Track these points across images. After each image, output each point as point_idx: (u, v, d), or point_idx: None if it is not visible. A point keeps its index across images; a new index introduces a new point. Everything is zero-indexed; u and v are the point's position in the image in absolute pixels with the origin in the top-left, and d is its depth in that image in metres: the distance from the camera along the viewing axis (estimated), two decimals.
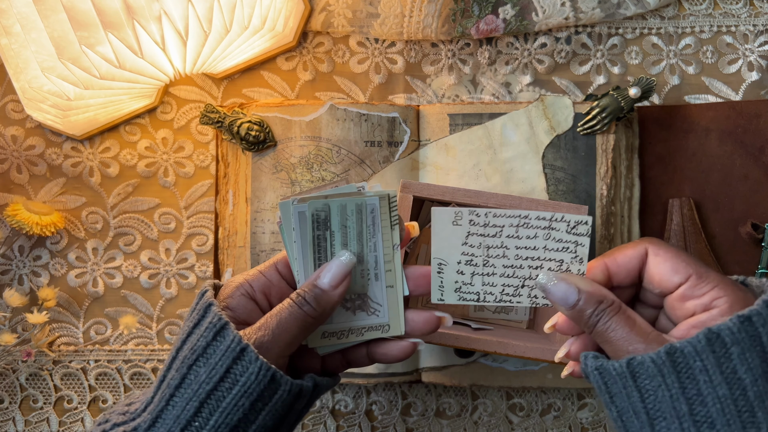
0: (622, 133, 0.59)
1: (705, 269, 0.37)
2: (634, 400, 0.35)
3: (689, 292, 0.37)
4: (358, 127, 0.58)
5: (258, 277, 0.42)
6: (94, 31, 0.50)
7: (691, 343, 0.33)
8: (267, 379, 0.37)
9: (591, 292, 0.38)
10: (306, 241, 0.42)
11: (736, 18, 0.63)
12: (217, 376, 0.37)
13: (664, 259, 0.38)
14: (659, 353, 0.34)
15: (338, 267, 0.41)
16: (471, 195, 0.51)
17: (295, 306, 0.40)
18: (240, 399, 0.37)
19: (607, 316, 0.37)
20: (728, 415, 0.33)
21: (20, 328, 0.63)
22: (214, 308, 0.38)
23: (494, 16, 0.61)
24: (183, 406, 0.37)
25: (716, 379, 0.33)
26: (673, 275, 0.37)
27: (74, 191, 0.63)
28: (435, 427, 0.63)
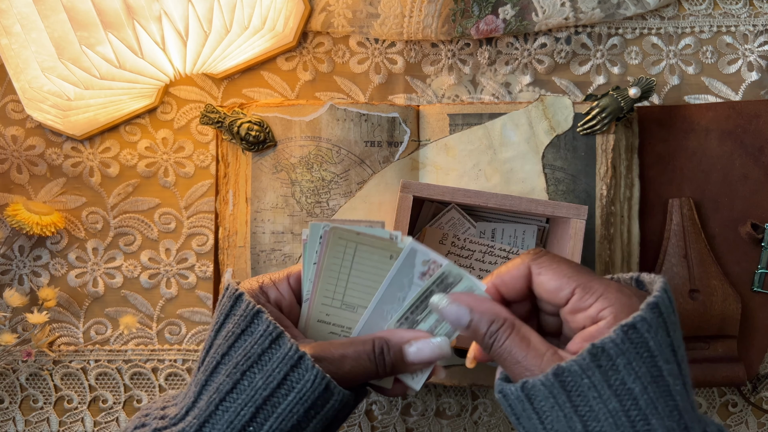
0: (621, 133, 0.59)
1: (589, 279, 0.36)
2: (534, 422, 0.35)
3: (576, 306, 0.36)
4: (358, 127, 0.58)
5: (271, 287, 0.42)
6: (94, 31, 0.50)
7: (577, 362, 0.33)
8: (322, 388, 0.37)
9: (482, 311, 0.38)
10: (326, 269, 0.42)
11: (736, 18, 0.63)
12: (274, 382, 0.37)
13: (548, 278, 0.37)
14: (547, 375, 0.34)
15: (431, 350, 0.40)
16: (471, 195, 0.51)
17: (373, 363, 0.39)
18: (295, 406, 0.37)
19: (502, 337, 0.37)
20: (621, 427, 0.33)
21: (20, 328, 0.63)
22: (265, 316, 0.38)
23: (494, 16, 0.61)
24: (237, 411, 0.37)
25: (605, 393, 0.33)
26: (559, 292, 0.37)
27: (74, 191, 0.63)
28: (435, 427, 0.63)
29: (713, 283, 0.59)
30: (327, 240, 0.41)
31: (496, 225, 0.57)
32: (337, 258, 0.42)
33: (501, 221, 0.57)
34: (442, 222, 0.57)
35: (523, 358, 0.36)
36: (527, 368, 0.36)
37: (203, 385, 0.39)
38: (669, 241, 0.60)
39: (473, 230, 0.57)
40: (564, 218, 0.52)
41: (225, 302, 0.40)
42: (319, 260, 0.42)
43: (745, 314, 0.60)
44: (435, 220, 0.57)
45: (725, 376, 0.59)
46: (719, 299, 0.59)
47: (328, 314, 0.43)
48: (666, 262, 0.60)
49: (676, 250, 0.60)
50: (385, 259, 0.41)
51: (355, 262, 0.42)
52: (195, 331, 0.63)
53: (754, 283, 0.61)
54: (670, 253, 0.60)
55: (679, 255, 0.60)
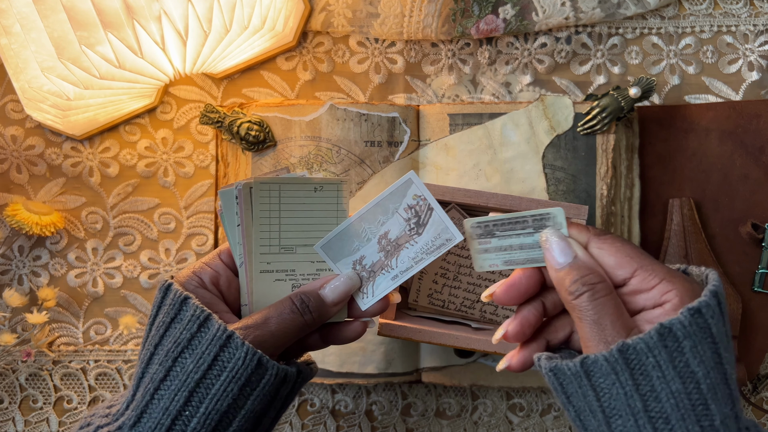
0: (622, 133, 0.59)
1: (651, 262, 0.37)
2: (590, 399, 0.35)
3: (638, 287, 0.36)
4: (358, 127, 0.58)
5: (204, 269, 0.43)
6: (94, 31, 0.50)
7: (644, 340, 0.33)
8: (254, 364, 0.38)
9: (585, 261, 0.37)
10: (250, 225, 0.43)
11: (737, 18, 0.63)
12: (205, 364, 0.37)
13: (609, 253, 0.37)
14: (612, 352, 0.34)
15: (344, 285, 0.43)
16: (471, 195, 0.51)
17: (297, 313, 0.41)
18: (229, 385, 0.37)
19: (600, 292, 0.36)
20: (682, 409, 0.33)
21: (20, 328, 0.63)
22: (192, 301, 0.39)
23: (494, 16, 0.61)
24: (171, 397, 0.37)
25: (669, 374, 0.33)
26: (618, 270, 0.37)
27: (74, 191, 0.63)
28: (435, 427, 0.63)
29: None
30: (246, 196, 0.43)
31: None
32: (265, 205, 0.43)
33: None
34: None
35: (612, 324, 0.35)
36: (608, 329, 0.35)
37: (140, 378, 0.39)
38: (669, 241, 0.60)
39: None
40: None
41: (157, 295, 0.41)
42: (243, 217, 0.43)
43: (745, 314, 0.60)
44: None
45: None
46: None
47: (269, 263, 0.44)
48: (666, 262, 0.60)
49: (676, 250, 0.60)
50: (311, 192, 0.43)
51: (283, 203, 0.43)
52: None
53: (755, 283, 0.61)
54: (670, 253, 0.60)
55: (680, 255, 0.60)
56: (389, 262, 0.43)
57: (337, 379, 0.59)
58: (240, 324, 0.40)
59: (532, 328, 0.40)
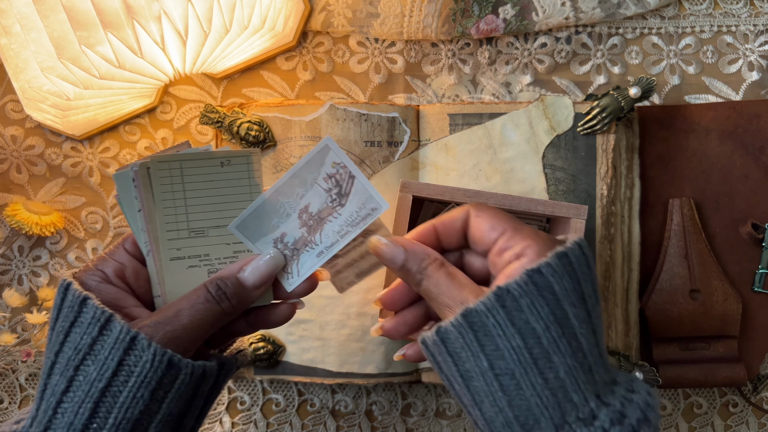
0: (622, 133, 0.59)
1: (520, 224, 0.39)
2: (450, 366, 0.36)
3: (504, 245, 0.38)
4: (358, 127, 0.58)
5: (108, 261, 0.40)
6: (93, 31, 0.50)
7: (483, 302, 0.35)
8: (164, 365, 0.35)
9: (414, 250, 0.40)
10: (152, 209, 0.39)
11: (737, 18, 0.63)
12: (109, 371, 0.35)
13: (484, 219, 0.40)
14: (457, 318, 0.35)
15: (267, 266, 0.40)
16: (471, 195, 0.51)
17: (213, 302, 0.38)
18: (138, 390, 0.35)
19: (431, 271, 0.39)
20: (524, 364, 0.34)
21: (20, 328, 0.63)
22: (91, 302, 0.36)
23: (494, 16, 0.61)
24: (75, 411, 0.34)
25: (509, 331, 0.34)
26: (491, 231, 0.39)
27: (74, 191, 0.63)
28: (435, 428, 0.63)
29: (714, 283, 0.59)
30: (144, 177, 0.39)
31: None
32: (167, 186, 0.39)
33: None
34: None
35: (448, 289, 0.38)
36: (451, 297, 0.37)
37: (42, 391, 0.36)
38: (669, 241, 0.60)
39: None
40: (564, 218, 0.52)
41: (56, 297, 0.38)
42: (143, 201, 0.39)
43: (745, 314, 0.60)
44: None
45: (726, 376, 0.59)
46: (720, 299, 0.59)
47: (179, 248, 0.40)
48: (666, 262, 0.60)
49: (676, 250, 0.60)
50: (217, 167, 0.40)
51: (187, 183, 0.39)
52: None
53: (755, 283, 0.61)
54: (670, 253, 0.60)
55: (680, 255, 0.60)
56: (313, 237, 0.40)
57: (337, 379, 0.59)
58: (148, 321, 0.37)
59: (409, 327, 0.43)
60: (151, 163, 0.38)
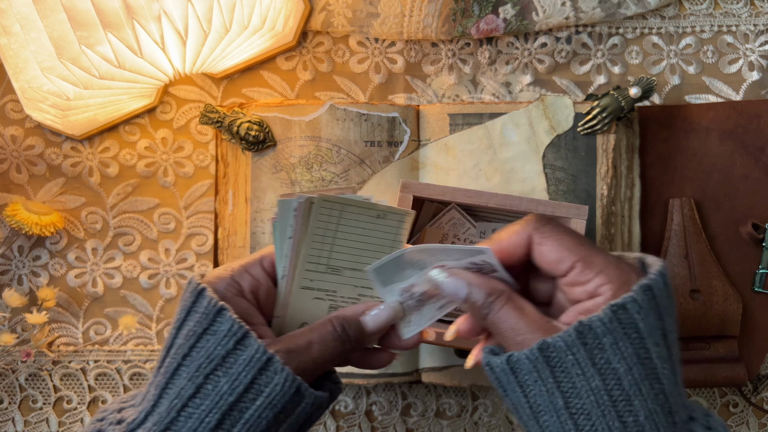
0: (622, 133, 0.59)
1: (591, 253, 0.36)
2: (518, 395, 0.35)
3: (576, 279, 0.36)
4: (358, 127, 0.58)
5: (244, 275, 0.41)
6: (93, 31, 0.50)
7: (562, 338, 0.33)
8: (292, 391, 0.36)
9: (479, 284, 0.38)
10: (302, 240, 0.41)
11: (737, 18, 0.63)
12: (241, 386, 0.35)
13: (550, 248, 0.37)
14: (532, 350, 0.34)
15: (387, 315, 0.41)
16: (471, 195, 0.51)
17: (339, 341, 0.39)
18: (264, 411, 0.36)
19: (497, 305, 0.37)
20: (603, 405, 0.33)
21: (20, 329, 0.63)
22: (228, 313, 0.37)
23: (494, 16, 0.61)
24: (201, 418, 0.35)
25: (588, 371, 0.33)
26: (559, 264, 0.37)
27: (74, 191, 0.63)
28: (435, 428, 0.63)
29: (714, 283, 0.59)
30: (305, 210, 0.41)
31: (497, 225, 0.57)
32: (323, 223, 0.41)
33: (501, 221, 0.57)
34: (442, 222, 0.57)
35: (516, 324, 0.36)
36: (519, 333, 0.36)
37: (163, 389, 0.37)
38: (670, 241, 0.60)
39: (473, 230, 0.57)
40: (564, 218, 0.52)
41: (187, 297, 0.38)
42: (296, 231, 0.41)
43: (745, 314, 0.60)
44: (435, 220, 0.57)
45: (726, 376, 0.59)
46: (720, 299, 0.59)
47: (312, 280, 0.42)
48: (667, 262, 0.60)
49: (676, 250, 0.60)
50: (372, 218, 0.42)
51: (341, 224, 0.42)
52: None
53: (755, 283, 0.61)
54: (670, 254, 0.60)
55: (680, 255, 0.60)
56: None
57: None
58: (281, 346, 0.37)
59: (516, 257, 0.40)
60: (317, 200, 0.41)
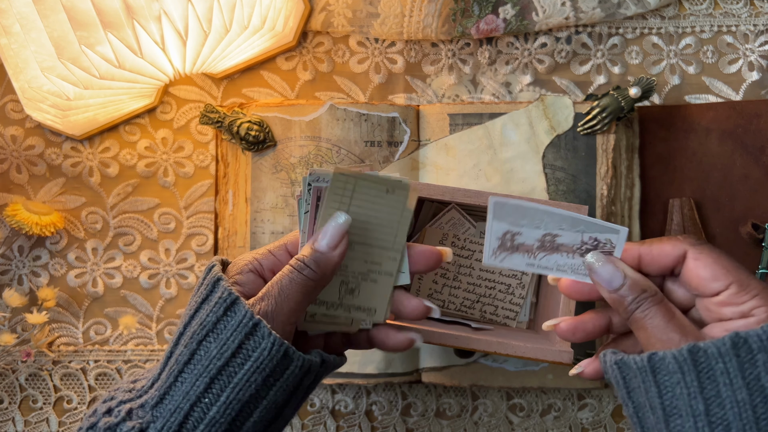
0: (622, 133, 0.59)
1: (747, 276, 0.37)
2: (652, 396, 0.35)
3: (729, 300, 0.37)
4: (358, 127, 0.58)
5: (267, 255, 0.42)
6: (93, 31, 0.50)
7: (716, 345, 0.33)
8: (280, 355, 0.37)
9: (636, 280, 0.38)
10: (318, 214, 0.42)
11: (737, 18, 0.63)
12: (228, 351, 0.37)
13: (705, 264, 0.37)
14: (681, 351, 0.34)
15: (335, 228, 0.41)
16: (471, 195, 0.51)
17: (295, 271, 0.39)
18: (252, 375, 0.37)
19: (647, 304, 0.37)
20: (745, 419, 0.33)
21: (20, 329, 0.63)
22: (223, 283, 0.38)
23: (494, 16, 0.61)
24: (192, 382, 0.37)
25: (737, 383, 0.33)
26: (713, 282, 0.37)
27: (74, 191, 0.63)
28: (435, 428, 0.63)
29: None
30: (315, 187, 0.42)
31: None
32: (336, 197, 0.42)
33: None
34: (442, 222, 0.57)
35: (665, 326, 0.36)
36: (667, 336, 0.36)
37: (168, 357, 0.39)
38: None
39: (473, 230, 0.57)
40: None
41: (203, 273, 0.40)
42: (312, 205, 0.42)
43: None
44: (435, 220, 0.57)
45: None
46: None
47: None
48: None
49: None
50: (382, 192, 0.42)
51: (354, 199, 0.42)
52: None
53: None
54: None
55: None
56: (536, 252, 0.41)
57: (337, 379, 0.59)
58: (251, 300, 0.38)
59: (587, 335, 0.41)
60: (333, 175, 0.41)
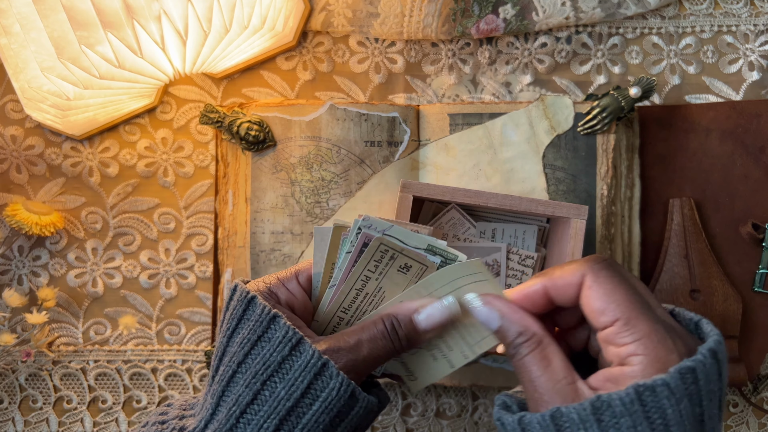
0: (622, 133, 0.59)
1: (637, 315, 0.33)
2: None
3: (611, 338, 0.33)
4: (358, 126, 0.58)
5: (281, 288, 0.41)
6: (93, 31, 0.50)
7: (576, 410, 0.31)
8: (347, 395, 0.36)
9: (513, 320, 0.36)
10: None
11: (737, 18, 0.63)
12: (298, 392, 0.36)
13: (597, 295, 0.34)
14: (544, 416, 0.32)
15: (441, 312, 0.39)
16: (471, 195, 0.51)
17: (389, 339, 0.38)
18: (321, 415, 0.36)
19: (524, 351, 0.35)
20: None
21: (20, 329, 0.63)
22: (282, 320, 0.37)
23: (494, 16, 0.61)
24: (260, 424, 0.36)
25: None
26: (600, 315, 0.34)
27: (74, 191, 0.63)
28: (435, 428, 0.63)
29: (714, 283, 0.59)
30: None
31: (496, 225, 0.57)
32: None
33: (501, 221, 0.57)
34: (442, 222, 0.57)
35: (537, 378, 0.34)
36: (538, 390, 0.34)
37: (221, 396, 0.37)
38: (670, 241, 0.60)
39: (473, 230, 0.57)
40: (564, 218, 0.52)
41: (236, 306, 0.38)
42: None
43: (745, 314, 0.60)
44: (435, 220, 0.57)
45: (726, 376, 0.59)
46: (720, 299, 0.59)
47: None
48: (667, 262, 0.60)
49: (676, 250, 0.60)
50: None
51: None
52: (194, 331, 0.63)
53: (755, 283, 0.61)
54: (670, 253, 0.60)
55: (680, 255, 0.60)
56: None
57: None
58: (330, 345, 0.37)
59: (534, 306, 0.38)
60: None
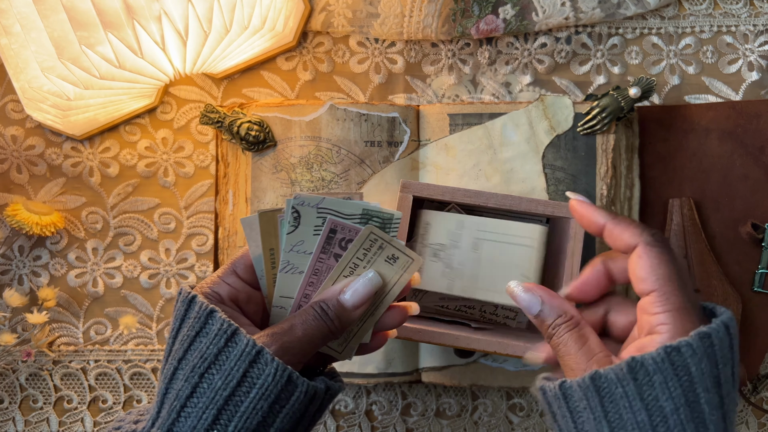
0: (622, 133, 0.59)
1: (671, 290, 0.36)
2: (568, 421, 0.37)
3: (646, 308, 0.37)
4: (358, 127, 0.58)
5: (220, 284, 0.42)
6: (94, 31, 0.50)
7: (614, 370, 0.35)
8: (284, 380, 0.37)
9: (553, 305, 0.40)
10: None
11: (737, 18, 0.63)
12: (234, 381, 0.37)
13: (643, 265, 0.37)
14: (584, 378, 0.35)
15: (364, 286, 0.42)
16: (471, 195, 0.51)
17: (320, 320, 0.40)
18: (258, 402, 0.37)
19: (561, 330, 0.39)
20: None
21: (20, 328, 0.63)
22: (218, 314, 0.38)
23: (494, 16, 0.61)
24: (199, 415, 0.36)
25: (636, 405, 0.34)
26: (641, 283, 0.37)
27: (74, 191, 0.63)
28: (435, 427, 0.63)
29: (713, 283, 0.59)
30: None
31: None
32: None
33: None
34: None
35: (575, 353, 0.38)
36: (577, 362, 0.37)
37: (164, 394, 0.38)
38: (669, 241, 0.60)
39: None
40: (564, 218, 0.52)
41: (179, 307, 0.40)
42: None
43: (745, 314, 0.60)
44: None
45: None
46: (719, 299, 0.59)
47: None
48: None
49: (676, 250, 0.60)
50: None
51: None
52: None
53: (755, 283, 0.61)
54: None
55: (680, 255, 0.60)
56: None
57: None
58: (266, 332, 0.39)
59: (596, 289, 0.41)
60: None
